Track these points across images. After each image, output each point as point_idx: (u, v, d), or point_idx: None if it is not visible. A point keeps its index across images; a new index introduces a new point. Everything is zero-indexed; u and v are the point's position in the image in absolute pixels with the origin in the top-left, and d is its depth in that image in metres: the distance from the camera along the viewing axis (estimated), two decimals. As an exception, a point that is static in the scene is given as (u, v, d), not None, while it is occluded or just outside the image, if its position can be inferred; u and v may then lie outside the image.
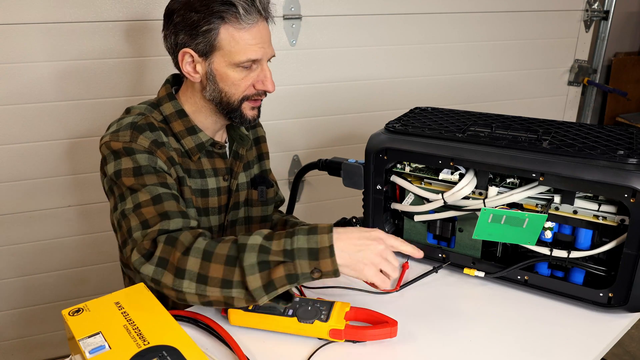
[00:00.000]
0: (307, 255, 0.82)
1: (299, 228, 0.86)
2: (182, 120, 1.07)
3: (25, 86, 1.65)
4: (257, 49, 1.01)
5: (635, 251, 0.88)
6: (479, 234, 0.98)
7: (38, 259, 1.85)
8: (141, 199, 0.94)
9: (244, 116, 1.08)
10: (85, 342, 0.72)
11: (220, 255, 0.85)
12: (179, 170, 1.04)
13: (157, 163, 0.99)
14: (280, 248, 0.83)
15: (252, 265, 0.82)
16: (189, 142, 1.07)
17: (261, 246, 0.84)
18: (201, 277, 0.84)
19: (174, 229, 0.91)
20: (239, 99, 1.05)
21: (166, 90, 1.10)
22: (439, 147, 1.02)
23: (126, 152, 0.97)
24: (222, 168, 1.14)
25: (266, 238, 0.86)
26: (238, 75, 1.02)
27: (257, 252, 0.83)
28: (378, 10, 1.99)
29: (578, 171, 0.88)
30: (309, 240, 0.83)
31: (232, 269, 0.84)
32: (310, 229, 0.85)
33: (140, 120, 1.02)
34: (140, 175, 0.96)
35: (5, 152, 1.69)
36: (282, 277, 0.82)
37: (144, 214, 0.92)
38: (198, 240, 0.87)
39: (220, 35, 0.98)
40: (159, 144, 1.01)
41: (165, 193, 0.95)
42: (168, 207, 0.93)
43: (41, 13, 1.59)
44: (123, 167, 0.97)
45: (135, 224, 0.92)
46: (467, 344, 0.88)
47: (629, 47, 3.29)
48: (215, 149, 1.12)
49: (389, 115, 1.24)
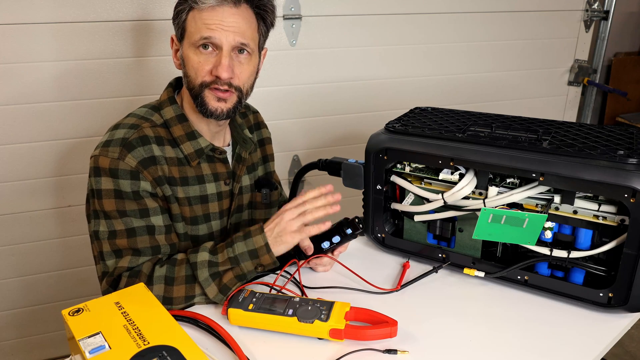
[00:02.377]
0: (248, 257, 0.98)
1: (235, 236, 1.01)
2: (182, 125, 1.07)
3: (26, 86, 1.65)
4: (212, 28, 1.00)
5: (635, 251, 0.88)
6: (479, 234, 0.98)
7: (38, 259, 1.85)
8: (116, 227, 1.00)
9: (206, 104, 1.03)
10: (85, 342, 0.72)
11: (179, 277, 0.98)
12: (166, 189, 1.03)
13: (139, 187, 0.99)
14: (225, 257, 0.99)
15: (206, 279, 0.97)
16: (188, 147, 1.06)
17: (209, 262, 0.98)
18: (167, 299, 0.97)
19: (141, 264, 1.01)
20: (199, 84, 1.03)
21: (168, 94, 1.10)
22: (439, 147, 1.02)
23: (111, 173, 0.99)
24: (224, 172, 1.13)
25: (211, 252, 1.00)
26: (197, 58, 1.02)
27: (207, 267, 0.98)
28: (378, 10, 1.99)
29: (578, 171, 0.88)
30: (246, 243, 0.99)
31: (192, 286, 0.98)
32: (245, 234, 1.00)
33: (132, 135, 1.01)
34: (120, 199, 0.99)
35: (7, 152, 1.69)
36: (232, 279, 0.98)
37: (117, 245, 1.00)
38: (156, 269, 0.99)
39: (187, 20, 1.02)
40: (147, 163, 1.00)
41: (139, 227, 1.00)
42: (140, 242, 1.01)
43: (44, 13, 1.59)
44: (104, 188, 0.99)
45: (108, 251, 1.01)
46: (467, 344, 0.88)
47: (629, 47, 3.29)
48: (215, 154, 1.11)
49: (389, 115, 1.24)
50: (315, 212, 1.01)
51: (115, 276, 1.00)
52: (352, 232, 1.07)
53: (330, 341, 0.87)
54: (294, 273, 1.07)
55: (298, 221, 1.00)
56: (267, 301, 0.92)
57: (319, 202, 1.02)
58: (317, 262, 1.10)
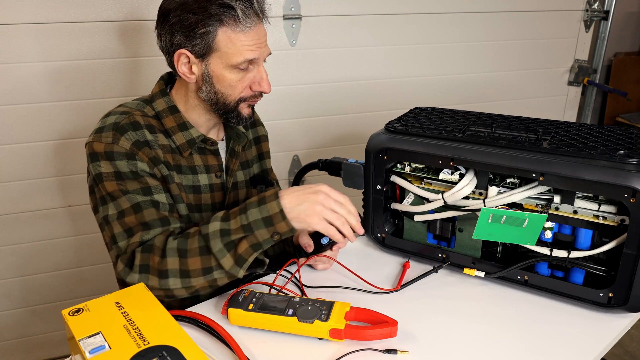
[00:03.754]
0: (263, 224, 0.93)
1: (248, 202, 0.95)
2: (174, 116, 1.08)
3: (22, 86, 1.65)
4: (254, 49, 1.01)
5: (635, 251, 0.88)
6: (479, 234, 0.98)
7: (38, 259, 1.85)
8: (123, 206, 0.98)
9: (241, 115, 1.08)
10: (85, 342, 0.72)
11: (192, 249, 0.94)
12: (163, 169, 1.04)
13: (137, 167, 1.00)
14: (238, 225, 0.93)
15: (221, 250, 0.93)
16: (179, 137, 1.07)
17: (221, 230, 0.94)
18: (183, 272, 0.94)
19: (152, 237, 0.97)
20: (236, 100, 1.05)
21: (159, 87, 1.11)
22: (439, 147, 1.02)
23: (107, 156, 0.99)
24: (215, 165, 1.13)
25: (223, 220, 0.95)
26: (235, 77, 1.02)
27: (219, 237, 0.93)
28: (378, 10, 1.99)
29: (578, 171, 0.88)
30: (260, 210, 0.93)
31: (207, 257, 0.94)
32: (259, 200, 0.94)
33: (123, 120, 1.02)
34: (121, 180, 0.99)
35: (6, 152, 1.69)
36: (247, 249, 0.93)
37: (127, 223, 0.98)
38: (169, 241, 0.95)
39: (217, 38, 0.98)
40: (140, 145, 1.01)
41: (144, 201, 0.99)
42: (148, 215, 0.98)
43: (33, 13, 1.59)
44: (103, 171, 0.99)
45: (119, 231, 0.98)
46: (467, 344, 0.88)
47: (629, 47, 3.29)
48: (207, 146, 1.11)
49: (389, 115, 1.24)
50: (345, 223, 0.95)
51: (129, 254, 0.97)
52: None
53: (330, 341, 0.87)
54: (294, 273, 1.07)
55: (329, 213, 0.94)
56: (267, 301, 0.92)
57: (352, 219, 0.96)
58: (317, 259, 1.10)
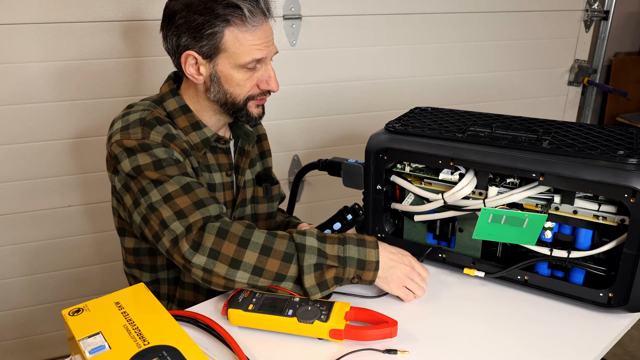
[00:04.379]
0: (356, 265, 0.94)
1: (348, 236, 0.96)
2: (186, 116, 1.08)
3: (25, 86, 1.65)
4: (261, 48, 1.01)
5: (635, 251, 0.88)
6: (479, 234, 0.98)
7: (39, 259, 1.85)
8: (170, 189, 0.94)
9: (250, 114, 1.09)
10: (85, 342, 0.72)
11: (278, 251, 0.91)
12: (193, 161, 1.04)
13: (174, 155, 0.99)
14: (335, 253, 0.94)
15: (310, 266, 0.91)
16: (194, 137, 1.07)
17: (319, 250, 0.93)
18: (257, 270, 0.91)
19: (216, 215, 0.94)
20: (244, 99, 1.06)
21: (169, 87, 1.10)
22: (439, 147, 1.02)
23: (142, 148, 0.97)
24: (225, 164, 1.14)
25: (320, 240, 0.94)
26: (243, 76, 1.03)
27: (316, 254, 0.92)
28: (378, 10, 1.99)
29: (578, 171, 0.88)
30: (359, 251, 0.94)
31: (287, 265, 0.91)
32: (359, 241, 0.96)
33: (147, 115, 1.01)
34: (162, 167, 0.96)
35: (6, 152, 1.69)
36: (332, 279, 0.93)
37: (178, 204, 0.92)
38: (255, 234, 0.92)
39: (225, 38, 0.98)
40: (171, 137, 1.01)
41: (192, 181, 0.96)
42: (201, 194, 0.95)
43: (37, 13, 1.59)
44: (142, 163, 0.96)
45: (169, 214, 0.92)
46: (467, 344, 0.88)
47: (629, 47, 3.29)
48: (219, 144, 1.12)
49: (389, 115, 1.24)
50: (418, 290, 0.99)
51: (194, 232, 0.90)
52: (353, 218, 1.08)
53: (330, 341, 0.87)
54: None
55: (413, 285, 0.98)
56: (267, 301, 0.92)
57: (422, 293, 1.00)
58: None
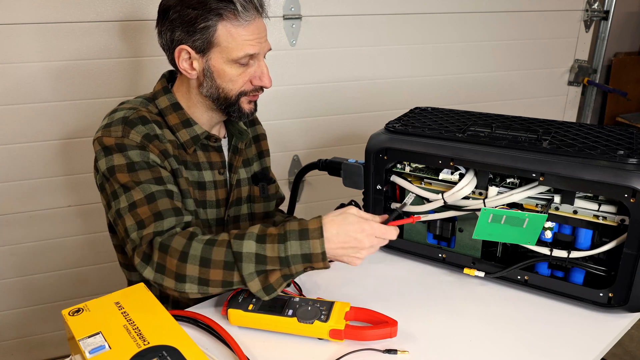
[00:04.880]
0: (301, 260, 0.89)
1: (289, 231, 0.89)
2: (177, 113, 1.08)
3: (24, 86, 1.65)
4: (254, 44, 1.01)
5: (635, 251, 0.88)
6: (479, 234, 0.98)
7: (38, 259, 1.85)
8: (135, 197, 0.96)
9: (242, 110, 1.09)
10: (85, 342, 0.72)
11: (217, 261, 0.89)
12: (173, 163, 1.04)
13: (149, 157, 0.99)
14: (275, 254, 0.88)
15: (251, 274, 0.89)
16: (184, 134, 1.07)
17: (257, 255, 0.88)
18: (202, 280, 0.90)
19: (168, 229, 0.94)
20: (236, 94, 1.06)
21: (161, 85, 1.11)
22: (439, 147, 1.02)
23: (118, 148, 0.98)
24: (218, 162, 1.14)
25: (259, 240, 0.89)
26: (235, 72, 1.03)
27: (254, 262, 0.88)
28: (378, 10, 1.99)
29: (578, 171, 0.88)
30: (301, 245, 0.88)
31: (231, 273, 0.89)
32: (301, 232, 0.89)
33: (131, 114, 1.01)
34: (134, 171, 0.97)
35: (6, 152, 1.69)
36: (278, 279, 0.89)
37: (139, 214, 0.95)
38: (193, 246, 0.90)
39: (217, 32, 0.99)
40: (151, 138, 1.01)
41: (158, 191, 0.97)
42: (161, 205, 0.96)
43: (34, 13, 1.59)
44: (116, 164, 0.98)
45: (131, 224, 0.95)
46: (467, 344, 0.88)
47: (629, 47, 3.29)
48: (210, 142, 1.12)
49: (389, 115, 1.24)
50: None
51: (144, 246, 0.93)
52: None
53: (330, 341, 0.87)
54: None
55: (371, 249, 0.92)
56: (267, 301, 0.91)
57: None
58: None
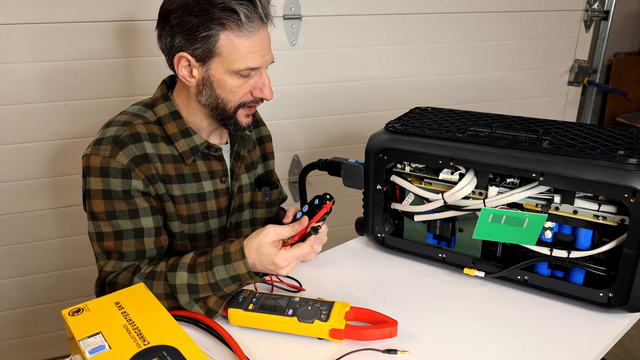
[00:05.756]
0: (231, 282, 0.94)
1: (214, 257, 0.95)
2: (176, 122, 1.05)
3: (16, 87, 1.64)
4: (257, 57, 0.98)
5: (635, 251, 0.88)
6: (479, 234, 0.98)
7: (38, 259, 1.85)
8: (104, 230, 1.00)
9: (239, 123, 1.06)
10: (85, 342, 0.72)
11: (159, 294, 0.96)
12: (160, 188, 1.02)
13: (131, 185, 0.98)
14: (206, 282, 0.94)
15: (188, 302, 0.95)
16: (182, 145, 1.05)
17: (189, 285, 0.95)
18: None
19: (124, 268, 1.01)
20: (235, 105, 1.03)
21: (161, 91, 1.08)
22: (439, 147, 1.02)
23: (101, 172, 0.97)
24: (219, 170, 1.12)
25: (190, 270, 0.96)
26: (236, 83, 1.00)
27: (187, 292, 0.95)
28: (378, 10, 1.99)
29: (578, 171, 0.88)
30: (227, 269, 0.94)
31: (175, 301, 0.96)
32: (225, 256, 0.95)
33: (123, 132, 1.00)
34: (109, 200, 0.98)
35: (5, 152, 1.69)
36: (217, 301, 0.95)
37: (106, 247, 1.01)
38: (135, 282, 0.97)
39: (219, 42, 0.96)
40: (139, 161, 0.99)
41: (127, 230, 1.00)
42: (125, 246, 1.00)
43: (27, 14, 1.58)
44: (93, 189, 0.98)
45: (98, 252, 1.02)
46: (467, 344, 0.88)
47: (629, 47, 3.29)
48: (210, 152, 1.09)
49: (389, 115, 1.24)
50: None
51: (102, 279, 1.02)
52: (320, 203, 0.98)
53: (330, 341, 0.88)
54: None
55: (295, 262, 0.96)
56: (267, 301, 0.92)
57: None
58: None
